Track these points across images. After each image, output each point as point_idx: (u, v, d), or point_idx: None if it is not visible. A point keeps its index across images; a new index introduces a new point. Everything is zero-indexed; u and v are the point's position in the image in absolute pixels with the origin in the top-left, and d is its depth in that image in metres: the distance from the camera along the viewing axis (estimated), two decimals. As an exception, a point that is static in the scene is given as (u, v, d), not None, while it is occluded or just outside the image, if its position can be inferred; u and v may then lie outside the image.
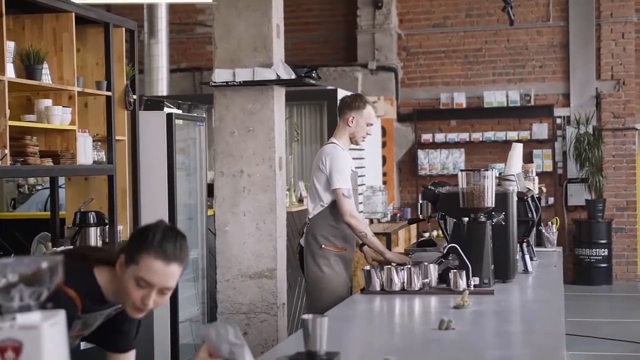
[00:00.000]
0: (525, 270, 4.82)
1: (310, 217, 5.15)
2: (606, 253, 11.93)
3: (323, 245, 5.04)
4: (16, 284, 1.71)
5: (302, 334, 2.66)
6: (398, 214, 10.44)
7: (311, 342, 2.66)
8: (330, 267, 5.04)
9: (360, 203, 9.56)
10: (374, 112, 5.23)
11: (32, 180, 8.27)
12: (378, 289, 4.14)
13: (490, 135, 12.42)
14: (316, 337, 2.65)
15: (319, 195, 5.08)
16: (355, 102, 5.17)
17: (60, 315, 1.76)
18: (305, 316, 2.66)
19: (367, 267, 4.24)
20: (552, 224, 6.26)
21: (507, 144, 8.45)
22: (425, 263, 4.23)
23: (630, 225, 12.31)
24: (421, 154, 12.62)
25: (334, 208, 5.05)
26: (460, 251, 4.16)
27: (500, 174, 5.27)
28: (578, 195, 12.26)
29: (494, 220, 4.34)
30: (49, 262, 1.72)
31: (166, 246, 2.53)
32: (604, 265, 11.95)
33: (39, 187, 8.12)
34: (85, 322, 2.66)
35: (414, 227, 10.57)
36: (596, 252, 11.91)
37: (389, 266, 4.19)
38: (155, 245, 2.52)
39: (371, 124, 5.18)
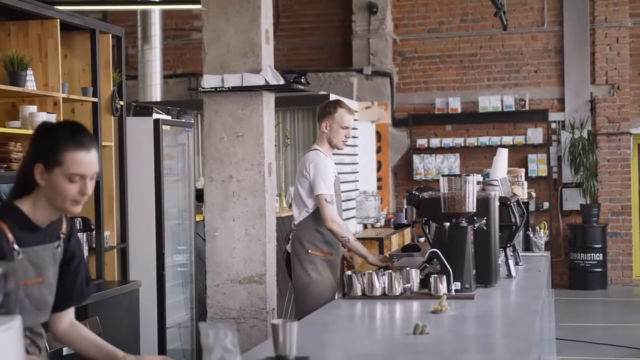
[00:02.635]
0: (509, 275, 4.82)
1: (295, 223, 5.24)
2: (601, 258, 11.93)
3: (309, 251, 5.12)
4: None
5: (272, 339, 2.68)
6: (392, 219, 10.44)
7: (281, 347, 2.68)
8: (317, 272, 5.10)
9: (352, 209, 9.59)
10: (348, 115, 5.25)
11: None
12: (359, 294, 4.15)
13: (485, 140, 12.43)
14: (286, 342, 2.67)
15: (303, 201, 5.17)
16: (326, 108, 5.26)
17: (16, 321, 1.77)
18: (275, 321, 2.68)
19: (349, 272, 4.25)
20: (539, 228, 6.27)
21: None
22: (407, 268, 4.24)
23: (625, 230, 12.31)
24: (416, 159, 12.63)
25: (319, 213, 5.10)
26: (442, 256, 4.17)
27: (484, 178, 5.28)
28: (573, 200, 12.26)
29: (476, 225, 4.34)
30: (3, 268, 1.73)
31: (79, 137, 2.64)
32: (599, 269, 11.94)
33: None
34: (31, 261, 2.67)
35: (408, 232, 10.59)
36: (591, 256, 11.90)
37: (370, 271, 4.20)
38: (70, 142, 2.62)
39: (346, 127, 5.22)
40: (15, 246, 2.61)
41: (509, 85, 12.61)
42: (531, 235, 6.21)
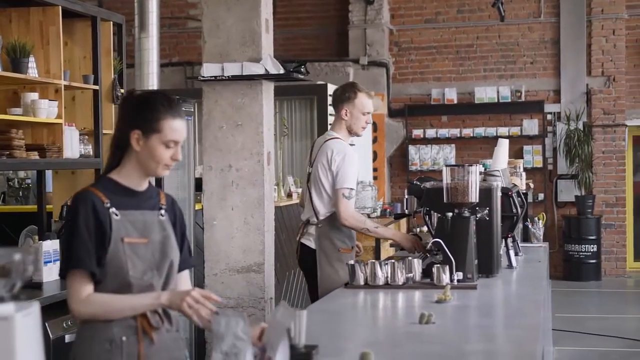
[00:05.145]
0: (510, 266, 4.83)
1: (321, 218, 4.97)
2: (595, 249, 11.98)
3: (340, 249, 4.95)
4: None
5: (281, 328, 2.68)
6: (388, 209, 10.45)
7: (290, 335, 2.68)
8: (344, 269, 4.98)
9: (350, 198, 9.58)
10: (368, 99, 5.02)
11: (22, 174, 8.25)
12: (362, 283, 4.15)
13: (481, 131, 12.45)
14: (295, 331, 2.68)
15: (329, 195, 4.92)
16: (346, 93, 4.99)
17: (34, 307, 1.77)
18: (284, 310, 2.68)
19: (351, 262, 4.26)
20: (538, 219, 6.29)
21: (497, 140, 8.46)
22: (410, 258, 4.25)
23: (620, 222, 12.36)
24: (412, 149, 12.64)
25: None
26: (444, 246, 4.18)
27: (485, 169, 5.29)
28: (568, 191, 12.30)
29: (478, 215, 4.35)
30: (21, 254, 1.73)
31: (175, 107, 2.84)
32: (593, 261, 11.99)
33: (28, 181, 8.10)
34: (132, 223, 2.79)
35: (404, 222, 10.61)
36: (585, 248, 11.95)
37: (373, 260, 4.21)
38: (169, 111, 2.81)
39: (367, 112, 4.98)
40: (113, 208, 2.76)
41: (505, 76, 12.63)
42: (530, 226, 6.23)
